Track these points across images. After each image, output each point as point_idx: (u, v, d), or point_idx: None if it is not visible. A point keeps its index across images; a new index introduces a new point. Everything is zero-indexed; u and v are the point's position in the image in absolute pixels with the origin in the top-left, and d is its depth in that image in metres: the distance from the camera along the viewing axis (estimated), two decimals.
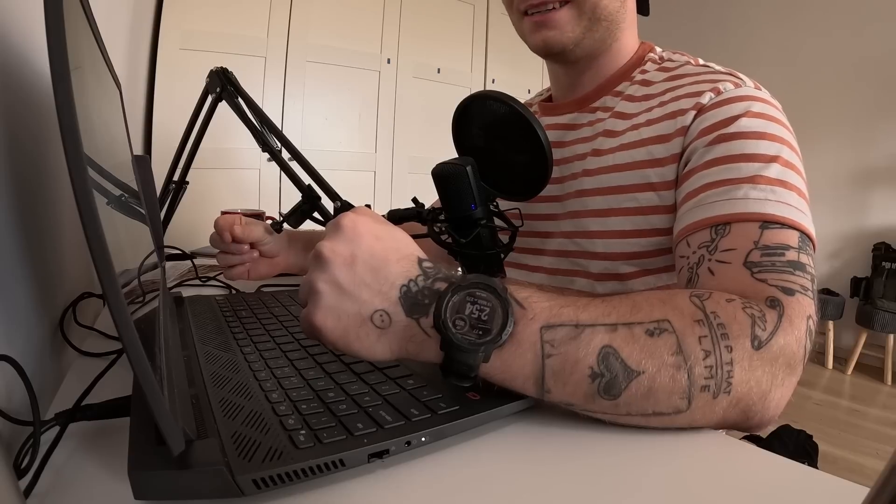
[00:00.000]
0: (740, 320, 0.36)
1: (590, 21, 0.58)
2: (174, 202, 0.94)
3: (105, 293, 0.21)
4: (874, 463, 1.76)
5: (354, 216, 0.37)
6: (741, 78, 0.54)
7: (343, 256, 0.35)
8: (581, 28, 0.58)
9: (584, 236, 0.61)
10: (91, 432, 0.34)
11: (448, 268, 0.37)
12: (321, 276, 0.35)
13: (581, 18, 0.58)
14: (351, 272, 0.35)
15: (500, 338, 0.34)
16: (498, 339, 0.34)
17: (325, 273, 0.35)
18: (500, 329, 0.34)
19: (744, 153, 0.48)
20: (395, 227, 0.38)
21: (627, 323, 0.35)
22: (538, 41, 0.60)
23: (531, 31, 0.60)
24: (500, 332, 0.34)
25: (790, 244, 0.43)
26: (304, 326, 0.36)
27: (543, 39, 0.59)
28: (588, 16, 0.58)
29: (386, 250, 0.36)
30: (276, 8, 2.15)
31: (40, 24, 0.21)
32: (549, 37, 0.59)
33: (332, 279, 0.35)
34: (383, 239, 0.36)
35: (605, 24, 0.59)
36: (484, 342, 0.34)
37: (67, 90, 0.21)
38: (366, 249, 0.35)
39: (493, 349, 0.34)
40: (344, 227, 0.36)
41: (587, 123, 0.64)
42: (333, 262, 0.35)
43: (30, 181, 0.43)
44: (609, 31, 0.60)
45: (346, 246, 0.35)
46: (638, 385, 0.34)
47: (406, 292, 0.35)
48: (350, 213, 0.37)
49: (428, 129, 2.60)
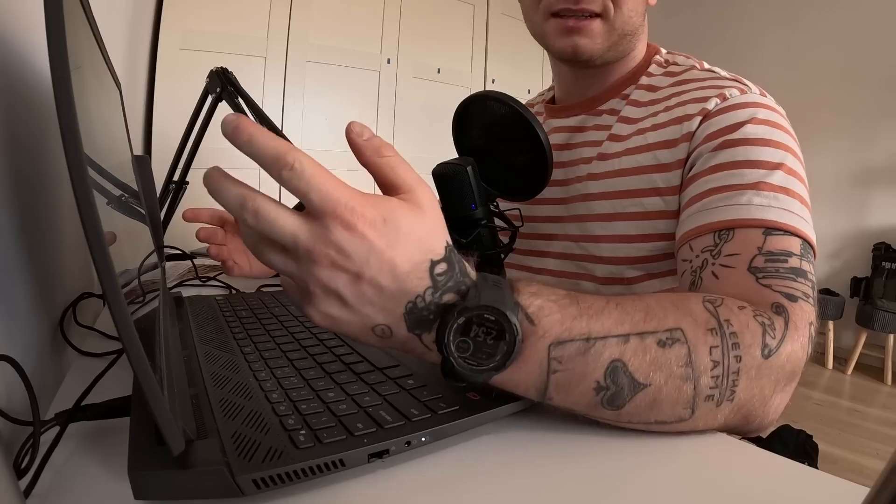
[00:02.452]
0: (753, 329, 0.36)
1: (619, 36, 0.59)
2: (174, 202, 0.94)
3: (105, 293, 0.21)
4: (874, 463, 1.76)
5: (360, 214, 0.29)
6: (747, 84, 0.54)
7: (348, 273, 0.30)
8: (611, 41, 0.59)
9: (590, 240, 0.62)
10: (91, 432, 0.34)
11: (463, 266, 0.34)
12: (315, 280, 0.30)
13: (612, 33, 0.58)
14: (356, 290, 0.30)
15: (504, 366, 0.32)
16: (501, 367, 0.32)
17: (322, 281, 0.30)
18: (504, 357, 0.32)
19: (748, 159, 0.48)
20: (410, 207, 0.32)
21: (640, 333, 0.34)
22: (567, 46, 0.58)
23: (559, 34, 0.58)
24: (504, 360, 0.32)
25: (793, 251, 0.43)
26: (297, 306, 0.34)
27: (574, 45, 0.58)
28: (618, 31, 0.58)
29: (397, 262, 0.30)
30: (276, 8, 2.15)
31: (40, 24, 0.21)
32: (580, 44, 0.58)
33: (332, 291, 0.30)
34: (398, 244, 0.30)
35: (630, 38, 0.60)
36: (486, 369, 0.32)
37: (67, 90, 0.21)
38: (375, 267, 0.30)
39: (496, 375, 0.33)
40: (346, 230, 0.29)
41: (594, 127, 0.64)
42: (333, 276, 0.30)
43: (30, 181, 0.43)
44: (631, 43, 0.61)
45: (352, 262, 0.29)
46: (643, 397, 0.34)
47: (412, 309, 0.32)
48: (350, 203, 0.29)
49: (428, 129, 2.60)
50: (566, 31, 0.58)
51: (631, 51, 0.63)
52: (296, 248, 0.30)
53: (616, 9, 0.56)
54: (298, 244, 0.29)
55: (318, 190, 0.28)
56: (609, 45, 0.59)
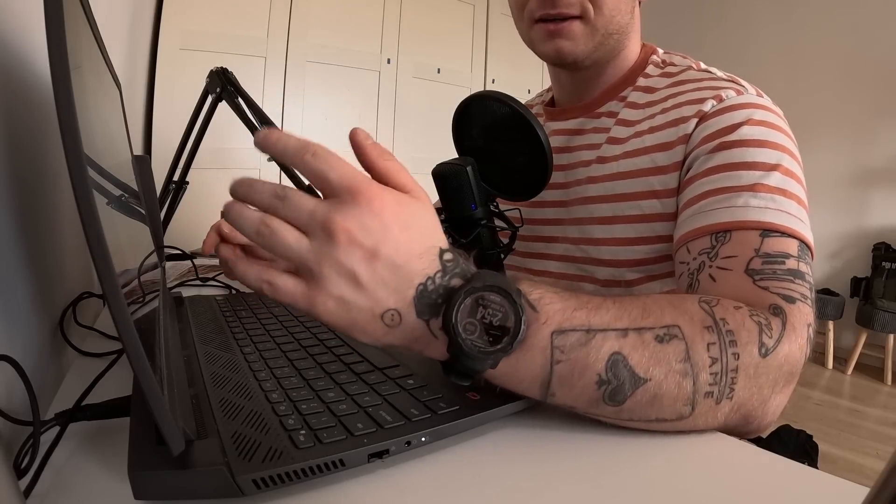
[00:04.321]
0: (749, 327, 0.37)
1: (603, 36, 0.58)
2: (174, 202, 0.94)
3: (105, 293, 0.21)
4: (874, 463, 1.76)
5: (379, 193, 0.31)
6: (743, 85, 0.54)
7: (365, 249, 0.31)
8: (595, 42, 0.58)
9: (590, 243, 0.62)
10: (91, 432, 0.34)
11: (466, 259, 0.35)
12: (331, 259, 0.31)
13: (595, 34, 0.58)
14: (370, 268, 0.31)
15: (511, 347, 0.32)
16: (508, 349, 0.32)
17: (338, 259, 0.30)
18: (511, 338, 0.32)
19: (745, 161, 0.48)
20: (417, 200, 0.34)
21: (638, 328, 0.35)
22: (550, 49, 0.59)
23: (543, 40, 0.59)
24: (511, 341, 0.32)
25: (790, 252, 0.43)
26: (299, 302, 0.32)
27: (556, 48, 0.58)
28: (602, 32, 0.58)
29: (411, 243, 0.32)
30: (276, 8, 2.15)
31: (40, 24, 0.21)
32: (562, 47, 0.58)
33: (348, 270, 0.31)
34: (410, 228, 0.32)
35: (616, 37, 0.59)
36: (494, 350, 0.32)
37: (67, 90, 0.21)
38: (391, 244, 0.31)
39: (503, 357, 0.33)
40: (367, 207, 0.31)
41: (592, 129, 0.64)
42: (351, 251, 0.30)
43: (30, 181, 0.43)
44: (619, 42, 0.61)
45: (370, 237, 0.31)
46: (644, 392, 0.34)
47: (422, 291, 0.32)
48: (372, 185, 0.31)
49: (428, 129, 2.60)
50: (548, 34, 0.58)
51: (621, 50, 0.62)
52: (312, 225, 0.31)
53: (596, 9, 0.56)
54: (315, 218, 0.31)
55: (338, 169, 0.31)
56: (594, 46, 0.58)
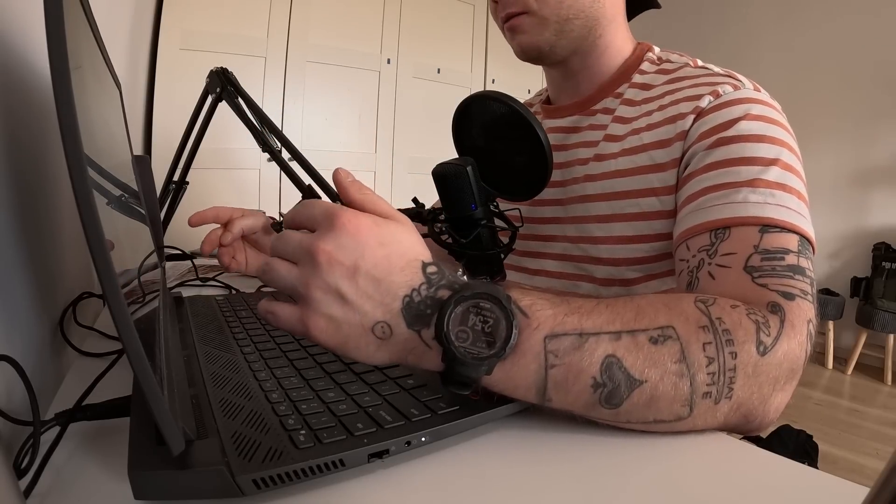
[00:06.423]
0: (745, 326, 0.36)
1: (558, 23, 0.58)
2: (174, 202, 0.94)
3: (105, 293, 0.21)
4: (874, 463, 1.76)
5: (353, 217, 0.34)
6: (740, 80, 0.54)
7: (344, 266, 0.32)
8: (551, 31, 0.58)
9: (588, 241, 0.61)
10: (91, 432, 0.34)
11: (452, 269, 0.36)
12: (316, 280, 0.33)
13: (546, 23, 0.58)
14: (353, 283, 0.32)
15: (504, 351, 0.33)
16: (501, 353, 0.33)
17: (322, 279, 0.32)
18: (503, 343, 0.33)
19: (743, 156, 0.48)
20: (396, 222, 0.36)
21: (631, 330, 0.35)
22: (515, 47, 0.62)
23: (510, 39, 0.61)
24: (503, 346, 0.33)
25: (790, 248, 0.43)
26: (296, 327, 0.34)
27: (518, 44, 0.61)
28: (554, 19, 0.57)
29: (390, 257, 0.33)
30: (276, 8, 2.16)
31: (40, 24, 0.21)
32: (520, 41, 0.60)
33: (333, 288, 0.32)
34: (387, 244, 0.34)
35: (580, 22, 0.58)
36: (487, 356, 0.33)
37: (67, 90, 0.21)
38: (369, 259, 0.33)
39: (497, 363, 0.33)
40: (343, 229, 0.33)
41: (588, 127, 0.63)
42: (332, 270, 0.32)
43: (30, 181, 0.43)
44: (588, 28, 0.59)
45: (348, 254, 0.33)
46: (640, 394, 0.34)
47: (409, 303, 0.33)
48: (347, 211, 0.34)
49: (428, 129, 2.60)
50: (510, 33, 0.61)
51: (597, 38, 0.61)
52: (299, 253, 0.34)
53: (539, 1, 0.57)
54: (301, 247, 0.34)
55: (319, 206, 0.35)
56: (553, 34, 0.58)
